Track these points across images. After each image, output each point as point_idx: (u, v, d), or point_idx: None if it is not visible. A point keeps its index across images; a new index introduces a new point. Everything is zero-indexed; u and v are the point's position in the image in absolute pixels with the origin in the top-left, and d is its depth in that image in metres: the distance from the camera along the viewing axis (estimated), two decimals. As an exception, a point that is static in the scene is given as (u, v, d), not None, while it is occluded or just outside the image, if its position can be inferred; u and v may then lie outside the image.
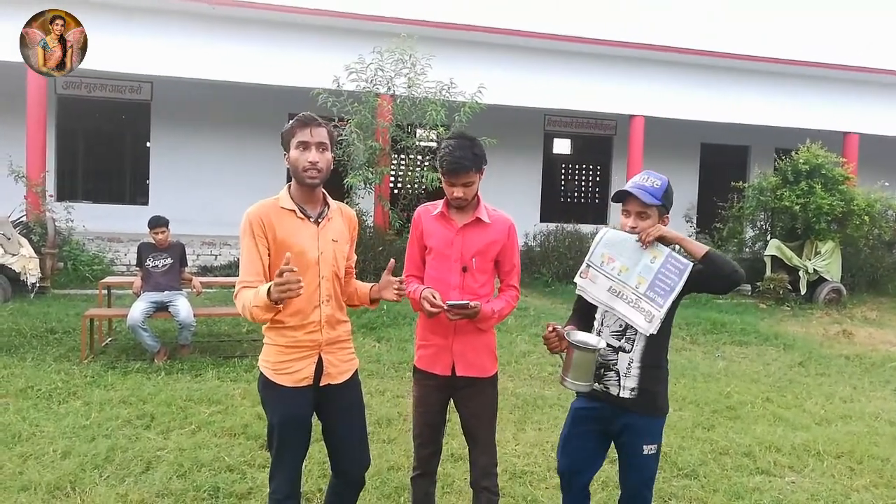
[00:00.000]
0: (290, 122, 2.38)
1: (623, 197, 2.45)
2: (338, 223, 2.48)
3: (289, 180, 2.49)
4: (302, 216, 2.37)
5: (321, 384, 2.41)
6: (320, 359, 2.40)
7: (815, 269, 10.49)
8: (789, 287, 10.41)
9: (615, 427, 2.47)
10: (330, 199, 2.50)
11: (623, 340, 2.43)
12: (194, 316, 5.95)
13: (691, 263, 2.38)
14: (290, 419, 2.37)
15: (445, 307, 2.47)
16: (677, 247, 2.44)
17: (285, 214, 2.35)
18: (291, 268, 2.08)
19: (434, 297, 2.47)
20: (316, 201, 2.44)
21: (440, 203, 2.68)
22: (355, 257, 2.63)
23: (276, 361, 2.37)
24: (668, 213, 2.47)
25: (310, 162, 2.30)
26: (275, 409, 2.39)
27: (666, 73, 12.68)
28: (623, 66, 12.51)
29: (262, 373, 2.42)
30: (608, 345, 2.42)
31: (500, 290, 2.74)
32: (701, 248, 2.37)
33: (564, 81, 12.29)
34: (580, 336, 2.42)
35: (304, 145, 2.32)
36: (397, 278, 2.50)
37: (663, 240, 2.40)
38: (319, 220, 2.41)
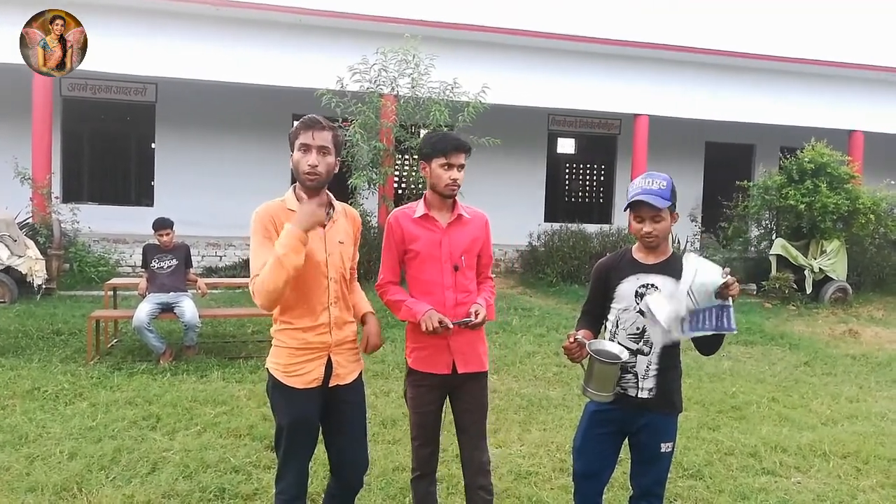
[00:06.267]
0: (296, 123, 2.39)
1: (635, 205, 2.39)
2: (343, 224, 2.49)
3: (293, 181, 2.49)
4: None
5: (330, 385, 2.42)
6: (329, 360, 2.41)
7: (820, 269, 10.45)
8: (795, 286, 10.37)
9: (632, 427, 2.47)
10: (335, 201, 2.50)
11: (641, 343, 2.42)
12: (199, 317, 5.97)
13: (731, 331, 2.29)
14: (299, 421, 2.38)
15: (453, 325, 2.52)
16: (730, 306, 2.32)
17: (292, 215, 2.31)
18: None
19: (440, 322, 2.50)
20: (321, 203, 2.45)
21: (416, 206, 2.69)
22: (358, 257, 2.64)
23: (287, 364, 2.37)
24: (675, 210, 2.45)
25: (309, 165, 2.31)
26: (284, 412, 2.39)
27: (670, 71, 12.64)
28: (627, 65, 12.48)
29: (271, 375, 2.42)
30: (626, 348, 2.40)
31: (478, 284, 2.78)
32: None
33: (568, 81, 12.26)
34: (602, 346, 2.39)
35: (306, 148, 2.31)
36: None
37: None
38: (325, 223, 2.39)
